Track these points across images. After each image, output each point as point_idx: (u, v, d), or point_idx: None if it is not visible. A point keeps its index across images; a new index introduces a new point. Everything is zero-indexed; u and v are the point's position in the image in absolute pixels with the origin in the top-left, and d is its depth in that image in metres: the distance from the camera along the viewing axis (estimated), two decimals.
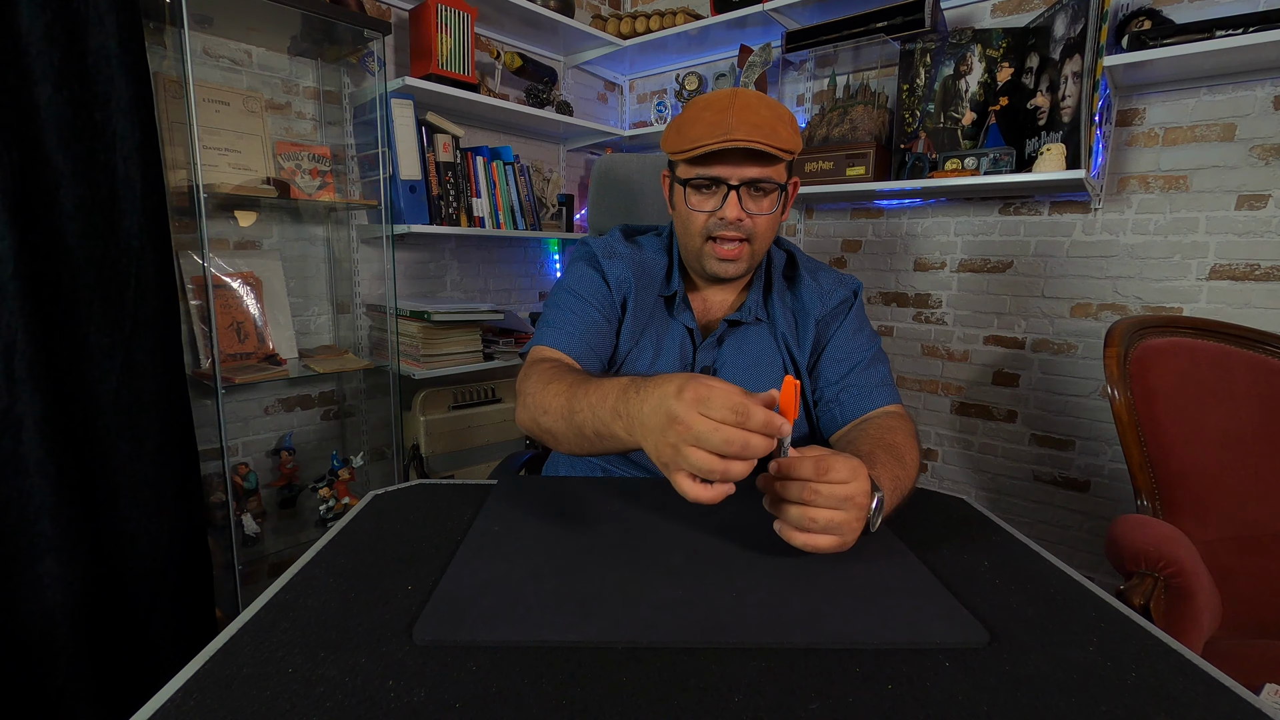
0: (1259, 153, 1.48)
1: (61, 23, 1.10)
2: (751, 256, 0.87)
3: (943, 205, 1.93)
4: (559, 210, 2.30)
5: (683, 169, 0.85)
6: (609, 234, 1.00)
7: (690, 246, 0.89)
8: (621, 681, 0.42)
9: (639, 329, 0.92)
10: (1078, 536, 1.79)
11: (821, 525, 0.54)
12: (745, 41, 2.12)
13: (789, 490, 0.55)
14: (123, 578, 1.24)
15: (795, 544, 0.55)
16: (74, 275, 1.16)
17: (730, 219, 0.82)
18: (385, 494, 0.76)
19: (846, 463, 0.55)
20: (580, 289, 0.91)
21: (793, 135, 0.82)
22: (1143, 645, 0.48)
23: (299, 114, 1.72)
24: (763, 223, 0.85)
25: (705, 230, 0.85)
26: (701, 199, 0.84)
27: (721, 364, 0.91)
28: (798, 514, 0.54)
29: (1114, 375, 1.25)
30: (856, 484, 0.55)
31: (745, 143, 0.78)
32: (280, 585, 0.54)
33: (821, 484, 0.54)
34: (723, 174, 0.81)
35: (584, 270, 0.93)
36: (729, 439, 0.48)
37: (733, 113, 0.79)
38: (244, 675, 0.42)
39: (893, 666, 0.44)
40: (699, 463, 0.49)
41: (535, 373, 0.78)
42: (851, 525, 0.55)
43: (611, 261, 0.92)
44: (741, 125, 0.78)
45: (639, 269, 0.93)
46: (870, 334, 0.93)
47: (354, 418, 1.92)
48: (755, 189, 0.83)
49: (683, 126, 0.83)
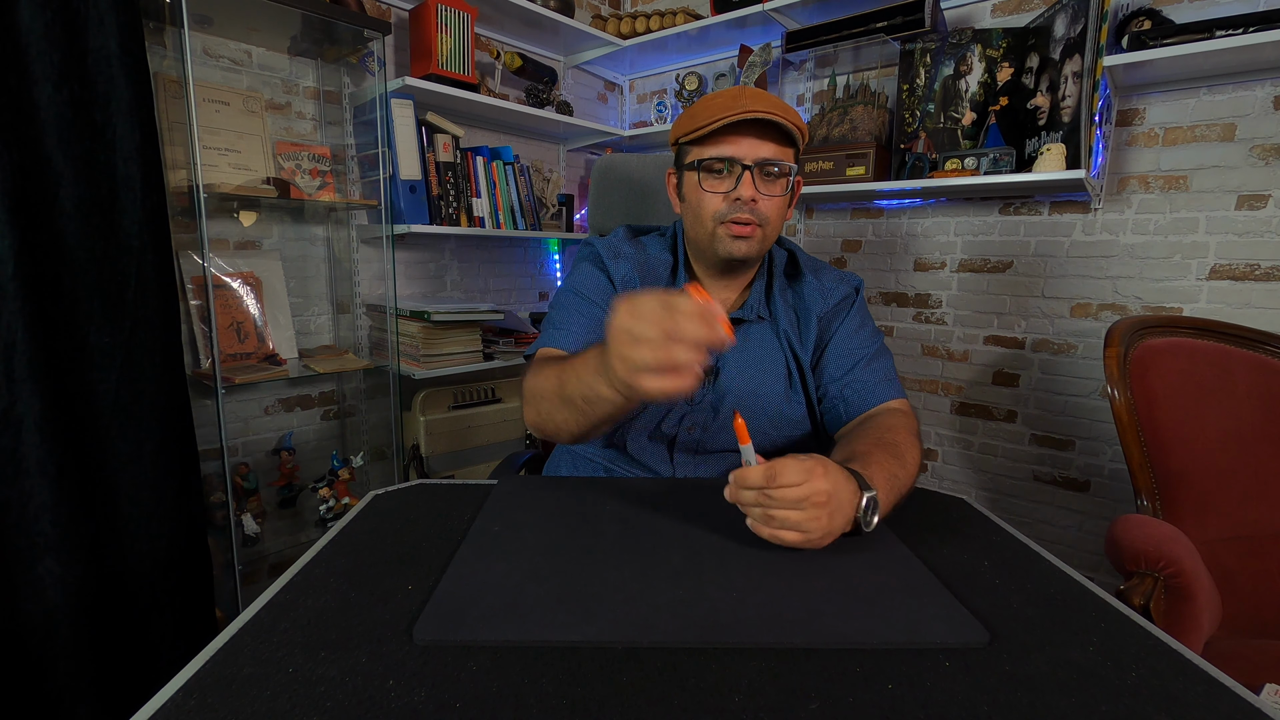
0: (1259, 153, 1.48)
1: (61, 23, 1.10)
2: (763, 241, 0.86)
3: (943, 205, 1.93)
4: (559, 210, 2.30)
5: (694, 152, 0.85)
6: (613, 234, 1.00)
7: (701, 234, 0.87)
8: (622, 682, 0.42)
9: None
10: (1078, 536, 1.79)
11: (778, 524, 0.58)
12: (745, 41, 2.12)
13: (744, 498, 0.60)
14: (123, 578, 1.24)
15: (763, 537, 0.60)
16: (74, 275, 1.16)
17: (745, 198, 0.82)
18: (385, 494, 0.76)
19: (799, 465, 0.58)
20: (585, 290, 0.91)
21: (802, 123, 0.83)
22: (1143, 645, 0.48)
23: (299, 114, 1.72)
24: (774, 207, 0.84)
25: (718, 215, 0.84)
26: (715, 182, 0.84)
27: (724, 362, 0.91)
28: (759, 514, 0.60)
29: (1114, 375, 1.25)
30: (809, 484, 0.57)
31: (761, 112, 0.78)
32: (280, 585, 0.54)
33: (774, 489, 0.57)
34: (737, 153, 0.81)
35: (589, 271, 0.93)
36: (658, 324, 0.52)
37: (745, 96, 0.81)
38: (244, 675, 0.42)
39: (893, 666, 0.44)
40: (642, 357, 0.53)
41: (536, 369, 0.79)
42: (812, 523, 0.58)
43: (616, 262, 0.92)
44: (756, 101, 0.79)
45: (644, 268, 0.93)
46: (873, 330, 0.93)
47: (354, 418, 1.92)
48: (767, 172, 0.83)
49: (694, 113, 0.84)
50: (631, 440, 0.92)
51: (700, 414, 0.90)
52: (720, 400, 0.90)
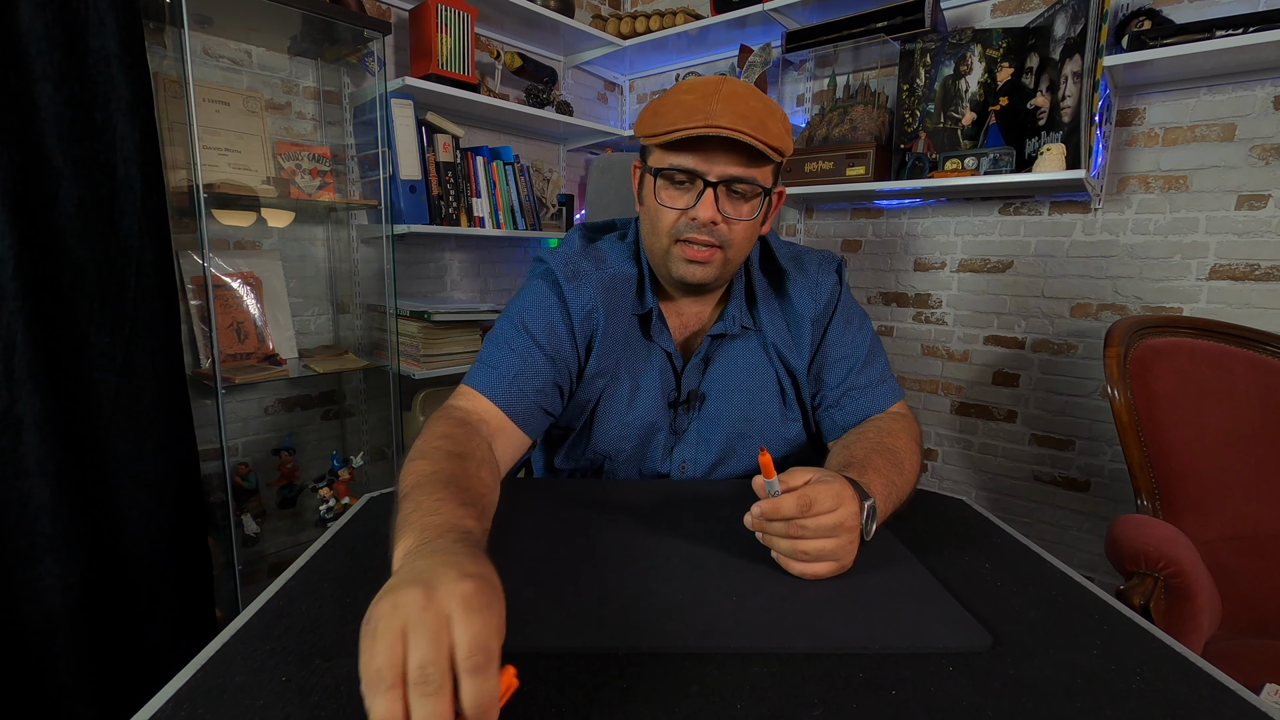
0: (1259, 153, 1.48)
1: (61, 23, 1.10)
2: (724, 265, 0.76)
3: (943, 205, 1.93)
4: (559, 210, 2.30)
5: (656, 156, 0.74)
6: (566, 241, 0.88)
7: (656, 247, 0.77)
8: (623, 687, 0.42)
9: (612, 361, 0.81)
10: (1078, 536, 1.79)
11: (814, 555, 0.55)
12: (745, 41, 2.12)
13: (775, 529, 0.56)
14: (123, 577, 1.24)
15: (794, 573, 0.56)
16: (74, 275, 1.16)
17: (703, 220, 0.72)
18: (381, 496, 0.75)
19: (829, 489, 0.55)
20: (531, 323, 0.78)
21: (784, 134, 0.72)
22: (1146, 648, 0.48)
23: (299, 114, 1.72)
24: (740, 230, 0.74)
25: (674, 231, 0.74)
26: (674, 194, 0.73)
27: (709, 387, 0.83)
28: (789, 548, 0.56)
29: (1114, 375, 1.25)
30: (844, 509, 0.55)
31: (728, 131, 0.67)
32: (274, 590, 0.53)
33: (808, 519, 0.54)
34: (700, 168, 0.71)
35: (540, 295, 0.80)
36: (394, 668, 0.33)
37: (719, 99, 0.69)
38: (236, 684, 0.41)
39: (896, 671, 0.44)
40: (371, 698, 0.33)
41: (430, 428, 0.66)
42: (845, 549, 0.56)
43: (575, 285, 0.79)
44: (727, 113, 0.68)
45: (607, 290, 0.80)
46: (860, 321, 0.87)
47: (354, 418, 1.91)
48: (735, 190, 0.72)
49: (660, 109, 0.72)
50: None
51: (690, 449, 0.85)
52: (711, 430, 0.84)
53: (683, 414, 0.85)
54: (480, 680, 0.34)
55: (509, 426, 0.74)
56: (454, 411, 0.72)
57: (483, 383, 0.75)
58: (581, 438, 0.85)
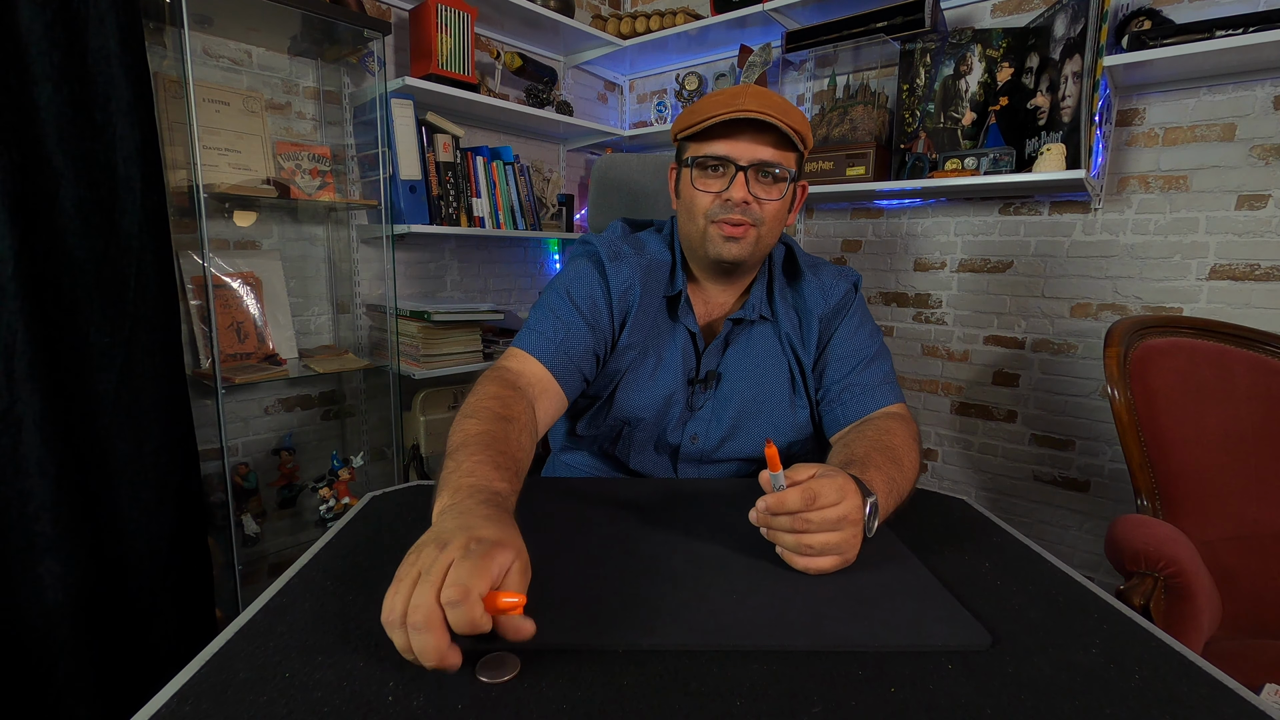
0: (1259, 153, 1.48)
1: (61, 23, 1.10)
2: (757, 242, 0.82)
3: (943, 205, 1.93)
4: (559, 210, 2.30)
5: (691, 149, 0.82)
6: (609, 229, 0.96)
7: (693, 232, 0.84)
8: (622, 684, 0.42)
9: (641, 336, 0.88)
10: (1078, 536, 1.79)
11: (818, 549, 0.56)
12: (745, 41, 2.12)
13: (780, 524, 0.56)
14: (123, 577, 1.24)
15: (798, 568, 0.57)
16: (74, 275, 1.16)
17: (737, 200, 0.79)
18: (383, 495, 0.75)
19: (833, 483, 0.56)
20: (576, 294, 0.85)
21: (805, 127, 0.80)
22: (1146, 647, 0.48)
23: (299, 114, 1.72)
24: (771, 210, 0.81)
25: (710, 213, 0.81)
26: (708, 181, 0.81)
27: (726, 368, 0.89)
28: (793, 542, 0.56)
29: (1114, 375, 1.25)
30: (847, 502, 0.56)
31: (756, 113, 0.76)
32: (277, 588, 0.54)
33: (812, 513, 0.55)
34: (732, 153, 0.79)
35: (585, 271, 0.87)
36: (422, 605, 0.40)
37: (747, 95, 0.78)
38: (240, 680, 0.42)
39: (895, 669, 0.44)
40: (393, 635, 0.42)
41: (481, 387, 0.72)
42: (850, 542, 0.56)
43: (616, 264, 0.86)
44: (754, 102, 0.77)
45: (644, 271, 0.87)
46: (871, 329, 0.92)
47: (354, 418, 1.91)
48: (764, 174, 0.80)
49: (695, 109, 0.81)
50: (635, 455, 0.91)
51: (702, 424, 0.89)
52: (723, 408, 0.89)
53: (699, 391, 0.90)
54: (455, 609, 0.40)
55: (554, 388, 0.80)
56: (504, 373, 0.77)
57: (533, 345, 0.81)
58: (605, 406, 0.90)
